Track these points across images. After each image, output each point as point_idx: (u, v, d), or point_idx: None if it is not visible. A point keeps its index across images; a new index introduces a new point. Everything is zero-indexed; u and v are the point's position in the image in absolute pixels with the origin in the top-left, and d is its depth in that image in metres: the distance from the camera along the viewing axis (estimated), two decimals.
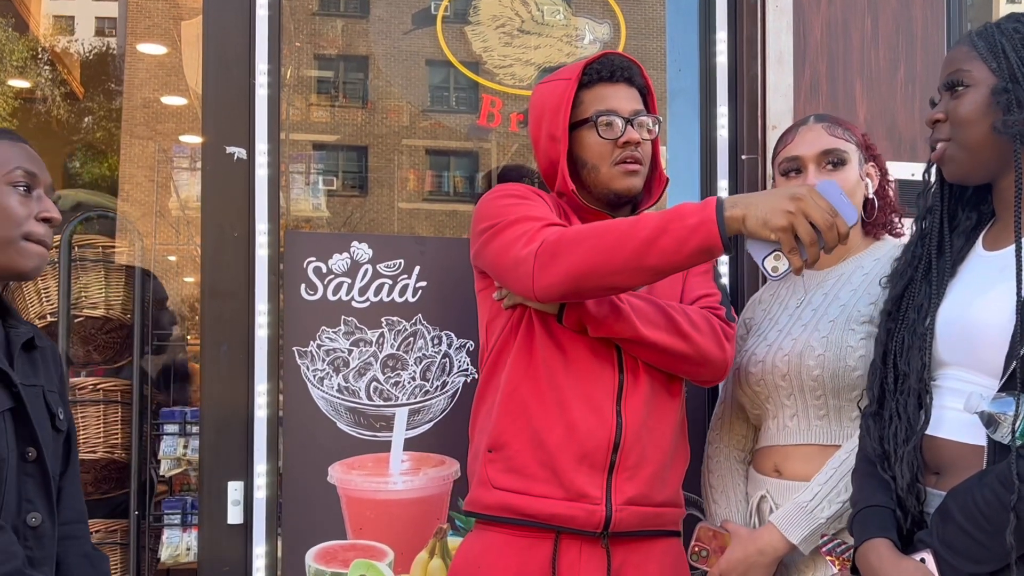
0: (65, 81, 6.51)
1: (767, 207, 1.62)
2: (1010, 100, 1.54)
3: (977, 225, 1.69)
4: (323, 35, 4.24)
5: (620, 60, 2.04)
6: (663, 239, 1.67)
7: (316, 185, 4.27)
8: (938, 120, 1.64)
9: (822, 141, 2.06)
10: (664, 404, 1.98)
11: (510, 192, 1.98)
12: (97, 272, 3.14)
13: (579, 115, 2.01)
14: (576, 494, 1.88)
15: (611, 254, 1.72)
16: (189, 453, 2.93)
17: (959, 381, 1.58)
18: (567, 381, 1.91)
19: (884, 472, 1.61)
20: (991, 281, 1.55)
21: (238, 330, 2.42)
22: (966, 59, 1.61)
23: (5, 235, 1.68)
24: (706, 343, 1.93)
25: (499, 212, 1.92)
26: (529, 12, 2.92)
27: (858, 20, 2.78)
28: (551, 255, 1.77)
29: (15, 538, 1.59)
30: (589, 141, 2.00)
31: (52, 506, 1.69)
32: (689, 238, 1.66)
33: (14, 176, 1.70)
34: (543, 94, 2.05)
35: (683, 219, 1.67)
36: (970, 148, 1.60)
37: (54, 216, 1.73)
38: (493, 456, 1.94)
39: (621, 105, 2.00)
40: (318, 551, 2.35)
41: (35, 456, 1.66)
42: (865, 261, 2.08)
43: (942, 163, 1.65)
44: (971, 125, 1.59)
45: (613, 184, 2.00)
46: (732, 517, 2.11)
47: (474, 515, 1.99)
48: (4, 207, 1.68)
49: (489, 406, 1.99)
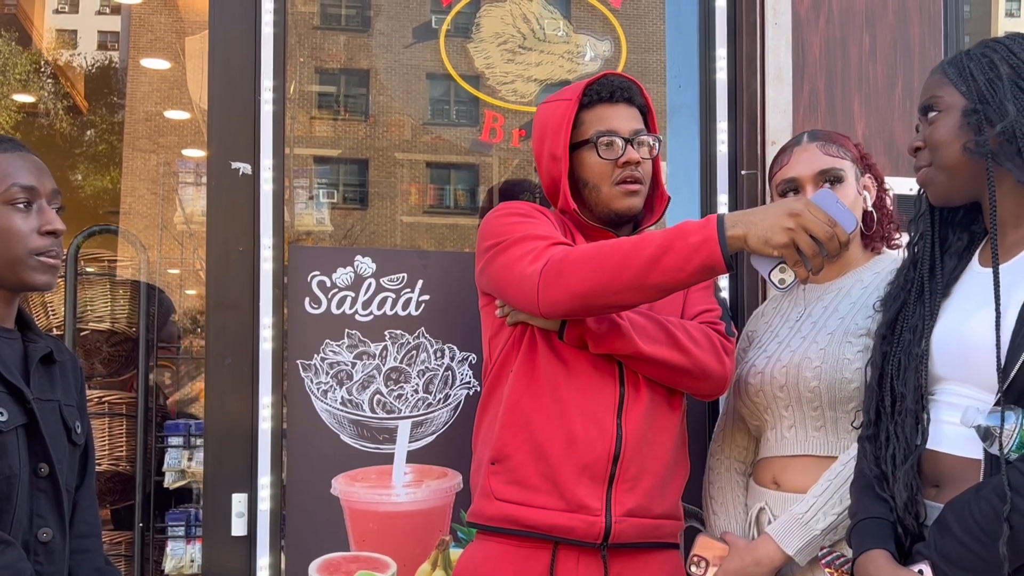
0: (68, 95, 6.54)
1: (767, 225, 1.64)
2: (980, 120, 1.58)
3: (969, 245, 1.72)
4: (325, 49, 4.27)
5: (620, 80, 2.07)
6: (667, 258, 1.70)
7: (318, 199, 4.29)
8: (918, 148, 1.68)
9: (818, 161, 2.07)
10: (664, 417, 1.99)
11: (514, 210, 2.00)
12: (103, 285, 3.16)
13: (580, 135, 2.03)
14: (576, 505, 1.89)
15: (616, 273, 1.74)
16: (193, 465, 2.95)
17: (956, 395, 1.60)
18: (568, 394, 1.93)
19: (882, 492, 1.63)
20: (987, 297, 1.57)
21: (242, 343, 2.43)
22: (938, 86, 1.66)
23: (11, 255, 1.68)
24: (705, 357, 1.95)
25: (504, 230, 1.94)
26: (531, 29, 2.95)
27: (856, 36, 2.80)
28: (556, 274, 1.79)
29: (23, 554, 1.59)
30: (589, 161, 2.03)
31: (64, 521, 1.70)
32: (692, 256, 1.68)
33: (11, 194, 1.68)
34: (545, 114, 2.07)
35: (686, 238, 1.69)
36: (947, 169, 1.63)
37: (57, 228, 1.72)
38: (496, 468, 1.95)
39: (621, 125, 2.03)
40: (321, 563, 2.36)
41: (47, 472, 1.67)
42: (865, 275, 2.10)
43: (925, 187, 1.69)
44: (945, 147, 1.62)
45: (613, 204, 2.03)
46: (731, 528, 2.12)
47: (476, 526, 2.01)
48: (5, 227, 1.67)
49: (492, 419, 2.01)
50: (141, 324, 3.13)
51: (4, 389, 1.63)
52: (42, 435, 1.66)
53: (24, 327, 1.76)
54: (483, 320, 2.10)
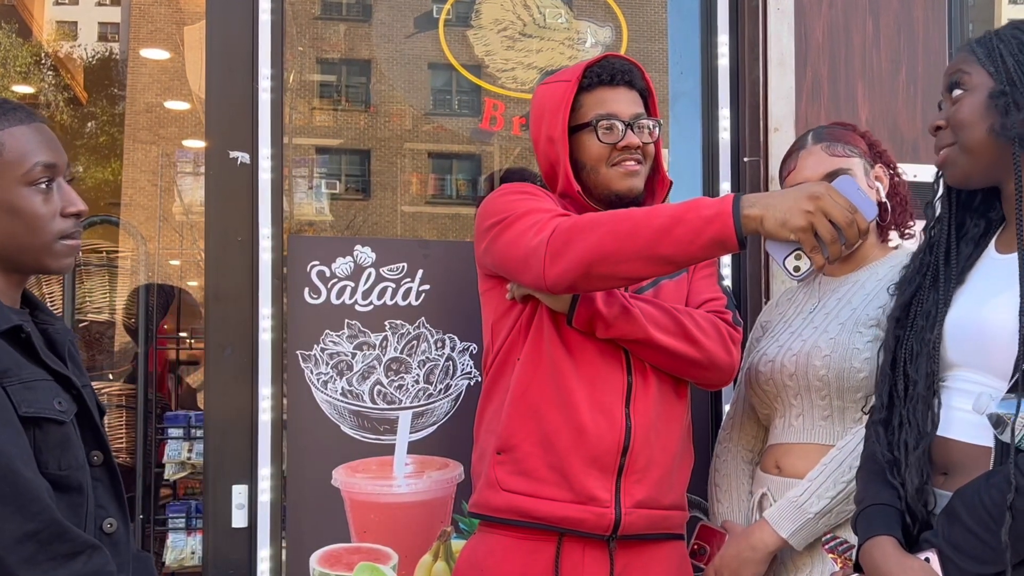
0: (68, 86, 6.52)
1: (785, 207, 1.60)
2: (1008, 103, 1.55)
3: (986, 232, 1.69)
4: (326, 39, 4.26)
5: (621, 63, 2.04)
6: (678, 228, 1.66)
7: (319, 189, 4.28)
8: (939, 126, 1.65)
9: (824, 164, 2.05)
10: (672, 407, 1.98)
11: (516, 189, 1.98)
12: (102, 276, 3.15)
13: (579, 118, 2.00)
14: (586, 497, 1.88)
15: (625, 241, 1.70)
16: (193, 457, 2.95)
17: (968, 382, 1.58)
18: (577, 384, 1.91)
19: (893, 479, 1.61)
20: (1004, 283, 1.55)
21: (242, 334, 2.42)
22: (965, 64, 1.62)
23: (35, 241, 1.55)
24: (714, 348, 1.94)
25: (506, 207, 1.91)
26: (531, 16, 2.93)
27: (859, 22, 2.78)
28: (563, 242, 1.75)
29: (110, 557, 1.50)
30: (588, 144, 2.00)
31: (124, 510, 1.62)
32: (704, 229, 1.64)
33: (33, 174, 1.54)
34: (543, 96, 2.04)
35: (699, 210, 1.66)
36: (970, 151, 1.60)
37: (81, 209, 1.59)
38: (503, 458, 1.93)
39: (621, 109, 2.00)
40: (322, 554, 2.35)
41: (102, 459, 1.59)
42: (881, 269, 2.08)
43: (944, 167, 1.65)
44: (970, 127, 1.59)
45: (613, 185, 2.00)
46: (735, 516, 2.12)
47: (481, 517, 1.99)
48: (30, 213, 1.54)
49: (496, 407, 1.99)
50: (140, 314, 3.12)
51: (51, 377, 1.54)
52: (94, 422, 1.59)
53: (33, 308, 1.64)
54: (484, 305, 2.07)
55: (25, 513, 1.41)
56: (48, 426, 1.49)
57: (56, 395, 1.53)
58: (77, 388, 1.57)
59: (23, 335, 1.53)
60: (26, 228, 1.55)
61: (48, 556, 1.42)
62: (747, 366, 2.16)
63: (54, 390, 1.53)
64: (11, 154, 1.54)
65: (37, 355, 1.54)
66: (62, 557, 1.44)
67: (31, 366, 1.52)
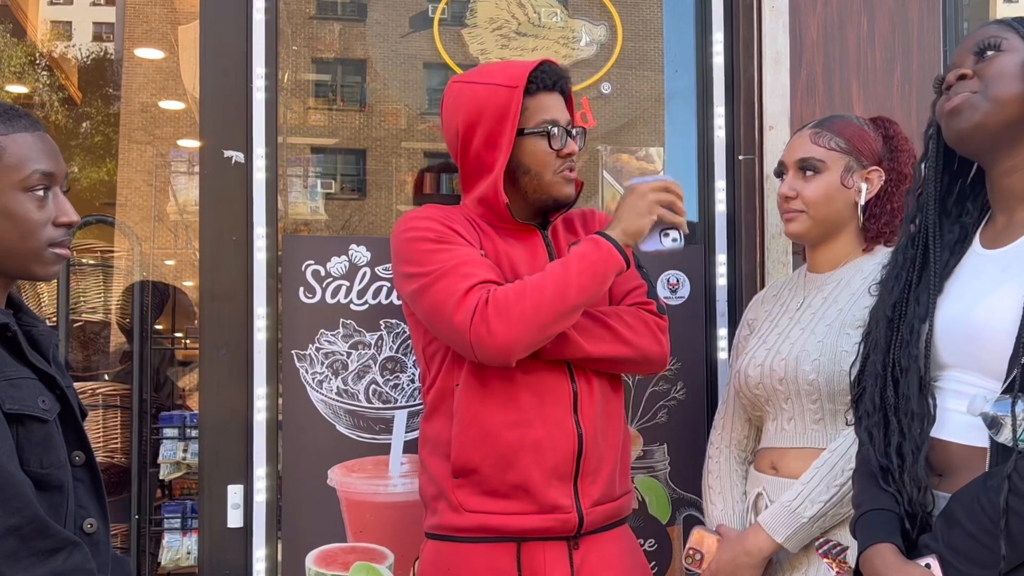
0: (63, 86, 6.50)
1: (634, 215, 1.90)
2: None
3: (970, 224, 1.66)
4: (320, 39, 4.24)
5: (558, 69, 2.06)
6: (585, 278, 1.86)
7: (314, 188, 4.27)
8: (965, 75, 1.56)
9: (803, 149, 2.09)
10: (611, 403, 2.06)
11: (425, 234, 1.96)
12: (96, 276, 3.14)
13: (523, 123, 2.00)
14: (550, 507, 1.94)
15: (557, 304, 1.85)
16: (189, 457, 2.94)
17: (961, 383, 1.56)
18: (526, 398, 1.95)
19: (887, 486, 1.60)
20: (994, 282, 1.52)
21: (237, 334, 2.42)
22: (1000, 30, 1.57)
23: (25, 247, 1.57)
24: (645, 343, 2.03)
25: (420, 259, 1.93)
26: (526, 14, 2.92)
27: (854, 20, 2.78)
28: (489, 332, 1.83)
29: (89, 555, 1.51)
30: (535, 149, 2.01)
31: (105, 510, 1.63)
32: (606, 271, 1.88)
33: (31, 180, 1.56)
34: (480, 97, 2.00)
35: (589, 258, 1.87)
36: (997, 100, 1.52)
37: (73, 220, 1.61)
38: (461, 482, 1.96)
39: (561, 115, 2.04)
40: (318, 554, 2.35)
41: (83, 460, 1.60)
42: (866, 265, 2.07)
43: (957, 113, 1.56)
44: (1005, 80, 1.52)
45: (554, 191, 2.04)
46: (729, 518, 2.12)
47: (447, 538, 1.99)
48: (23, 218, 1.56)
49: (439, 431, 2.00)
50: (135, 314, 3.11)
51: (35, 376, 1.55)
52: (77, 422, 1.60)
53: (17, 310, 1.65)
54: (412, 330, 2.08)
55: (7, 508, 1.42)
56: (31, 424, 1.51)
57: (40, 394, 1.54)
58: (61, 388, 1.59)
59: (9, 334, 1.54)
60: (18, 232, 1.57)
61: (29, 552, 1.43)
62: (736, 369, 2.16)
63: (38, 389, 1.55)
64: (12, 159, 1.56)
65: (23, 354, 1.56)
66: (43, 553, 1.44)
67: (16, 364, 1.54)
